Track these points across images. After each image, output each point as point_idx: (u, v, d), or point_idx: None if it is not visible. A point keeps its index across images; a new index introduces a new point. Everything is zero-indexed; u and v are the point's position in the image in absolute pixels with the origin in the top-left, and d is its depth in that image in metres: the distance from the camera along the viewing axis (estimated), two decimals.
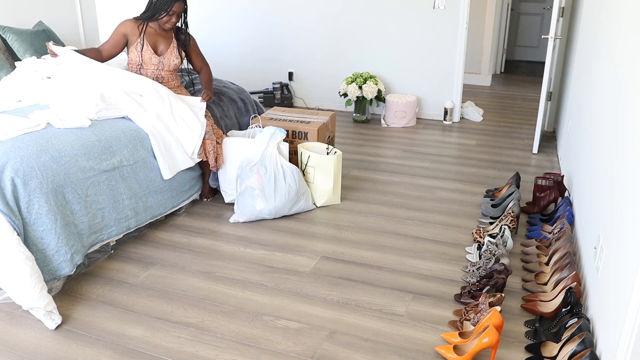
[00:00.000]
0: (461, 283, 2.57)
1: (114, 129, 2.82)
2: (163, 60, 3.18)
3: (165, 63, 3.19)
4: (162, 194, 3.02)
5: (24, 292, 2.18)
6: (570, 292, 2.16)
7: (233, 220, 3.16)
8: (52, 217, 2.36)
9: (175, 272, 2.66)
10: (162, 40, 3.22)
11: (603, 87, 2.60)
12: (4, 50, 3.70)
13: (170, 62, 3.21)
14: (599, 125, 2.57)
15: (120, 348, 2.12)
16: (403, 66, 5.39)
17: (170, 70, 3.24)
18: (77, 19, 4.87)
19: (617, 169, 2.03)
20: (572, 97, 3.95)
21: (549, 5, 8.25)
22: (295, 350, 2.11)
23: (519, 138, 4.87)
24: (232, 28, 5.92)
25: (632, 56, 2.02)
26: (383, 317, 2.31)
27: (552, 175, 3.30)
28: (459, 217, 3.25)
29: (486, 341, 1.97)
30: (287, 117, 3.73)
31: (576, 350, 1.87)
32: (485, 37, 6.98)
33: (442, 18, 5.10)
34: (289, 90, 5.77)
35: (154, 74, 3.20)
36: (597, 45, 3.01)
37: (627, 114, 1.97)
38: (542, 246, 2.76)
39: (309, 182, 3.37)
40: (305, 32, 5.64)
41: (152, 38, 3.18)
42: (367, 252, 2.85)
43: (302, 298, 2.45)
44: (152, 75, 3.19)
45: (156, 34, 3.20)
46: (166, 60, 3.19)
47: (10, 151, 2.37)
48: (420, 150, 4.49)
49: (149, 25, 3.18)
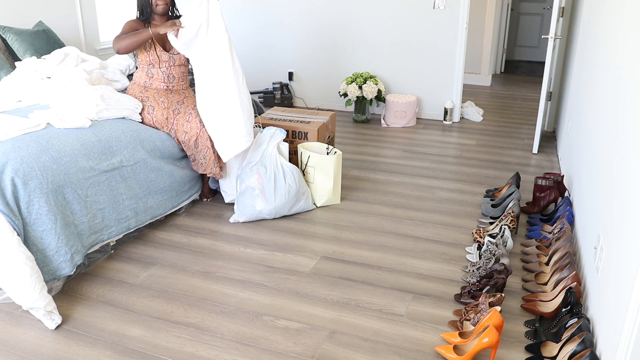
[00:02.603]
0: (461, 283, 2.57)
1: (114, 129, 2.82)
2: (173, 56, 3.15)
3: (176, 58, 3.17)
4: (162, 194, 3.02)
5: (24, 292, 2.18)
6: (570, 292, 2.16)
7: (233, 220, 3.16)
8: (52, 217, 2.36)
9: (175, 272, 2.66)
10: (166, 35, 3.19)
11: (603, 87, 2.60)
12: (4, 50, 3.70)
13: (180, 56, 3.17)
14: (599, 125, 2.57)
15: (120, 348, 2.12)
16: (403, 66, 5.39)
17: (181, 65, 3.20)
18: (77, 19, 4.87)
19: (617, 168, 2.03)
20: (572, 97, 3.95)
21: (549, 5, 8.25)
22: (295, 350, 2.11)
23: (519, 138, 4.87)
24: (232, 28, 5.92)
25: (632, 56, 2.02)
26: (383, 317, 2.31)
27: (552, 175, 3.30)
28: (459, 217, 3.25)
29: (486, 341, 1.97)
30: (287, 117, 3.73)
31: (576, 350, 1.87)
32: (485, 37, 6.98)
33: (442, 18, 5.10)
34: (289, 90, 5.77)
35: (165, 73, 3.15)
36: (597, 45, 3.01)
37: (627, 114, 1.97)
38: (542, 246, 2.76)
39: (309, 182, 3.37)
40: (305, 32, 5.64)
41: (158, 35, 3.13)
42: (367, 252, 2.85)
43: (302, 298, 2.45)
44: (164, 74, 3.15)
45: None
46: (176, 55, 3.16)
47: (10, 151, 2.37)
48: (420, 150, 4.49)
49: (153, 22, 3.16)
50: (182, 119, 3.11)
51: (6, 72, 3.54)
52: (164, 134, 3.09)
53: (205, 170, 3.18)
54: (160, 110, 3.09)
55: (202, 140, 3.10)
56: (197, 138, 3.10)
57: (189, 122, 3.10)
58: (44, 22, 4.39)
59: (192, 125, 3.09)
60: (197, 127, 3.09)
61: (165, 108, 3.11)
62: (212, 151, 3.13)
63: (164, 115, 3.10)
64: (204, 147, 3.12)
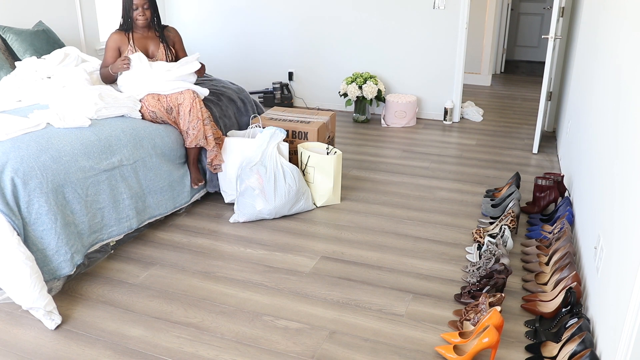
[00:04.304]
0: (461, 283, 2.57)
1: (113, 128, 2.82)
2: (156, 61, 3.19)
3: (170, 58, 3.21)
4: (162, 194, 3.01)
5: (24, 292, 2.18)
6: (570, 292, 2.16)
7: (233, 220, 3.16)
8: (52, 217, 2.36)
9: (175, 272, 2.66)
10: (150, 42, 3.27)
11: (603, 87, 2.60)
12: (4, 50, 3.70)
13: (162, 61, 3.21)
14: (599, 125, 2.57)
15: (120, 348, 2.12)
16: (403, 66, 5.39)
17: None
18: (77, 19, 4.87)
19: (617, 168, 2.03)
20: (572, 97, 3.95)
21: (549, 5, 8.25)
22: (295, 350, 2.11)
23: (519, 138, 4.87)
24: (232, 28, 5.92)
25: (632, 56, 2.02)
26: (383, 317, 2.31)
27: (552, 175, 3.30)
28: (459, 217, 3.25)
29: (486, 341, 1.97)
30: (287, 117, 3.72)
31: (576, 350, 1.87)
32: (485, 37, 6.98)
33: (442, 18, 5.10)
34: (289, 90, 5.77)
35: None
36: (597, 45, 3.01)
37: (628, 114, 1.97)
38: (542, 246, 2.76)
39: (309, 182, 3.37)
40: (305, 32, 5.64)
41: (140, 43, 3.24)
42: (367, 252, 2.85)
43: (302, 298, 2.45)
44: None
45: (143, 37, 3.26)
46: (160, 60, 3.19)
47: (10, 151, 2.37)
48: (420, 150, 4.49)
49: (135, 32, 3.24)
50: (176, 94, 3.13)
51: (6, 72, 3.53)
52: (163, 131, 3.08)
53: (192, 141, 3.15)
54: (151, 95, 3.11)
55: (194, 112, 3.11)
56: (191, 108, 3.10)
57: (182, 93, 3.11)
58: (44, 22, 4.39)
59: (185, 96, 3.10)
60: (190, 97, 3.10)
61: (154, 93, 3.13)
62: (202, 123, 3.13)
63: (155, 98, 3.10)
64: (195, 118, 3.11)
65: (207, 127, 3.15)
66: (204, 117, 3.14)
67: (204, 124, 3.14)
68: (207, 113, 3.19)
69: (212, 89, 3.64)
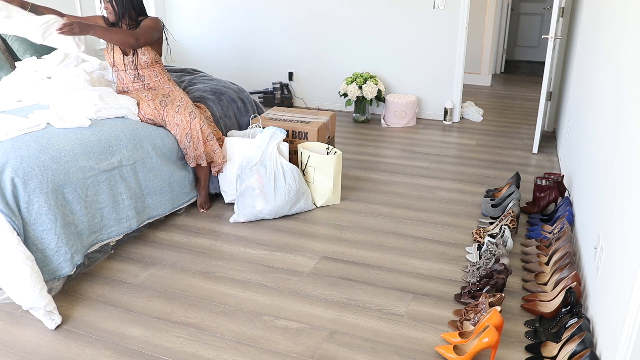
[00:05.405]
0: (461, 283, 2.57)
1: (113, 128, 2.82)
2: (133, 59, 3.12)
3: (135, 61, 3.13)
4: (162, 195, 3.01)
5: (24, 292, 2.18)
6: (570, 292, 2.16)
7: (233, 220, 3.16)
8: (52, 217, 2.36)
9: (175, 272, 2.66)
10: None
11: (603, 87, 2.60)
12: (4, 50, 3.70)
13: (138, 60, 3.13)
14: (599, 125, 2.57)
15: (120, 348, 2.12)
16: (403, 66, 5.39)
17: (144, 67, 3.17)
18: None
19: (617, 168, 2.03)
20: (572, 97, 3.95)
21: (549, 5, 8.25)
22: (295, 350, 2.11)
23: (519, 138, 4.87)
24: (232, 28, 5.92)
25: (632, 56, 2.02)
26: (383, 317, 2.31)
27: (552, 175, 3.30)
28: (459, 217, 3.25)
29: (486, 341, 1.97)
30: (287, 117, 3.73)
31: (576, 350, 1.87)
32: (485, 37, 6.98)
33: (442, 18, 5.10)
34: (289, 90, 5.77)
35: (132, 74, 3.14)
36: (597, 45, 3.01)
37: (628, 114, 1.97)
38: (542, 246, 2.76)
39: (309, 182, 3.37)
40: (305, 31, 5.64)
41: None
42: (367, 252, 2.85)
43: (302, 298, 2.45)
44: (131, 78, 3.14)
45: None
46: (135, 58, 3.13)
47: (10, 151, 2.37)
48: (420, 150, 4.49)
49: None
50: (172, 110, 3.10)
51: (6, 72, 3.53)
52: (163, 132, 3.08)
53: (193, 161, 3.16)
54: (145, 102, 3.09)
55: (194, 133, 3.10)
56: (190, 131, 3.10)
57: (179, 114, 3.09)
58: None
59: (182, 118, 3.09)
60: (186, 120, 3.09)
61: (150, 100, 3.10)
62: (202, 143, 3.12)
63: (151, 107, 3.08)
64: (196, 139, 3.11)
65: (211, 143, 3.14)
66: (205, 136, 3.13)
67: (208, 139, 3.14)
68: (209, 130, 3.16)
69: (213, 88, 3.64)
